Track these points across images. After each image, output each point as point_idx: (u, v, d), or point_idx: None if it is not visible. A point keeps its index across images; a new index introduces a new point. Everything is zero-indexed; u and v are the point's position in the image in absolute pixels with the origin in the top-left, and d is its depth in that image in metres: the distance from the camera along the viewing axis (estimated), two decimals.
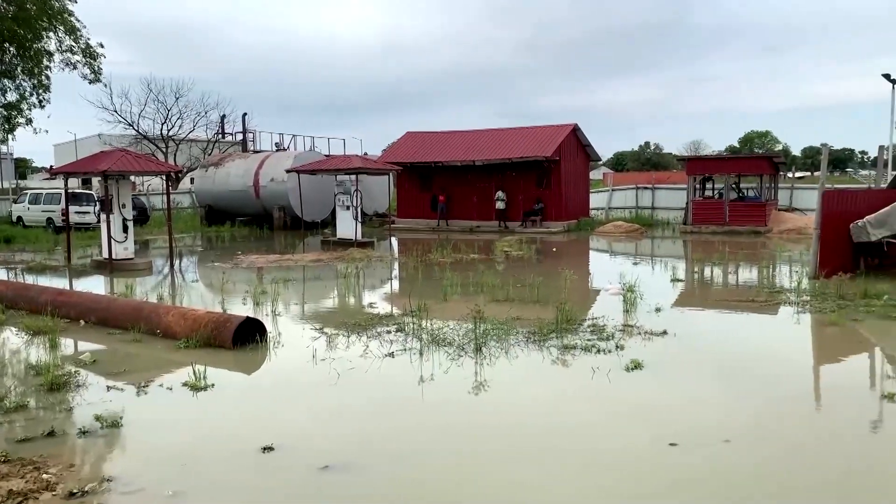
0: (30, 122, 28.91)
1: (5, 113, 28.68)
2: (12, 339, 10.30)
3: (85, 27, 28.28)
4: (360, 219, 24.73)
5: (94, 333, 10.46)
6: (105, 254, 18.43)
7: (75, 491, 5.08)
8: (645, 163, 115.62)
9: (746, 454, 5.73)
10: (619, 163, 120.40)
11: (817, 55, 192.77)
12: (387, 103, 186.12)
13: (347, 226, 24.59)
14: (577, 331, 9.93)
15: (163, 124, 49.03)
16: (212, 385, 7.64)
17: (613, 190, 37.71)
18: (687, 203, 29.07)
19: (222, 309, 11.74)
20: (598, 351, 8.86)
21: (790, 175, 37.90)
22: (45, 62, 27.85)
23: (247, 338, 9.38)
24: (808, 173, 69.53)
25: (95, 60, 28.88)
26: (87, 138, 57.83)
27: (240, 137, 43.51)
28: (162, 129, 49.00)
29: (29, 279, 16.55)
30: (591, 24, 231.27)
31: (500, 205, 29.90)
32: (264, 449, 5.82)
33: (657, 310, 11.42)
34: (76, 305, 11.37)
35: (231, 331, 9.21)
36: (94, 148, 37.37)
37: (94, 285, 15.77)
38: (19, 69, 27.75)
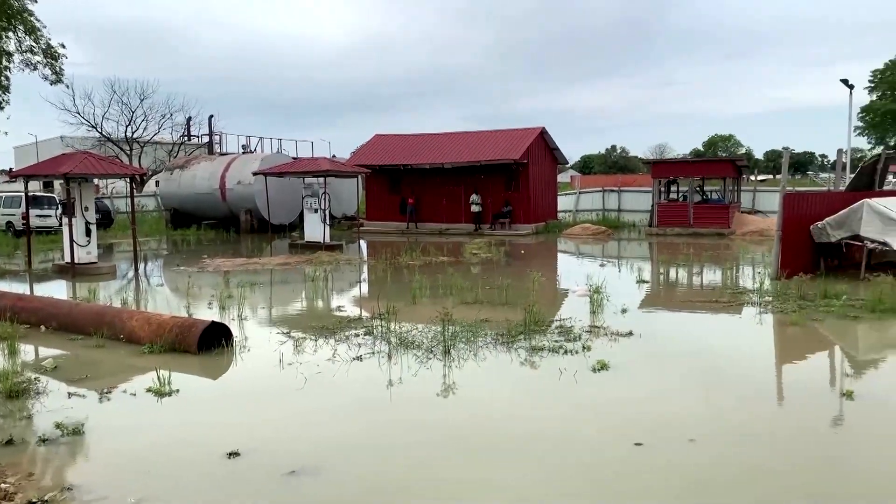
0: None
1: None
2: None
3: (45, 27, 27.83)
4: (328, 222, 24.58)
5: (56, 339, 10.25)
6: (67, 258, 18.09)
7: (34, 500, 4.97)
8: (612, 166, 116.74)
9: (711, 453, 5.82)
10: (587, 166, 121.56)
11: (780, 61, 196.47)
12: (356, 106, 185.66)
13: (315, 229, 24.44)
14: (544, 332, 9.99)
15: (127, 126, 48.22)
16: (176, 390, 7.54)
17: (581, 193, 38.04)
18: (652, 206, 29.43)
19: (188, 313, 11.60)
20: (566, 352, 8.93)
21: (753, 178, 38.63)
22: (3, 62, 27.29)
23: (212, 342, 9.28)
24: (771, 176, 70.93)
25: (56, 61, 28.41)
26: (48, 140, 56.64)
27: (206, 140, 42.98)
28: (126, 132, 48.18)
29: None
30: (561, 29, 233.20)
31: (474, 208, 29.98)
32: (230, 454, 5.76)
33: (623, 311, 11.55)
34: (37, 311, 11.13)
35: (196, 335, 9.10)
36: (55, 150, 36.74)
37: (56, 290, 15.48)
38: None
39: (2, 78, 27.53)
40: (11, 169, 53.50)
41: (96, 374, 8.36)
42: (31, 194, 25.52)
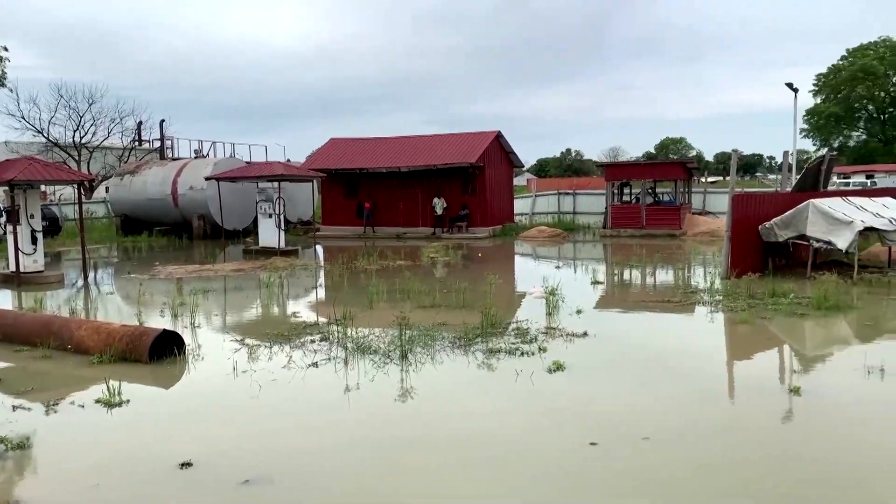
0: None
1: None
2: None
3: None
4: (283, 227, 24.34)
5: (0, 351, 9.93)
6: (12, 267, 17.56)
7: None
8: (567, 169, 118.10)
9: (665, 451, 5.91)
10: (542, 169, 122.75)
11: (729, 66, 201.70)
12: (312, 110, 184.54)
13: (270, 234, 24.17)
14: (501, 334, 10.04)
15: (75, 131, 46.83)
16: (127, 401, 7.37)
17: (536, 196, 38.39)
18: (606, 208, 29.83)
19: (139, 322, 11.34)
20: (522, 354, 8.99)
21: (703, 180, 39.36)
22: None
23: (164, 351, 9.10)
24: (721, 178, 72.37)
25: None
26: None
27: (157, 144, 42.14)
28: (74, 137, 46.92)
29: None
30: (517, 34, 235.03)
31: (438, 210, 30.00)
32: (182, 465, 5.65)
33: (578, 312, 11.68)
34: None
35: (147, 344, 8.92)
36: None
37: (1, 300, 15.00)
38: None
39: None
40: None
41: (43, 385, 8.12)
42: None
